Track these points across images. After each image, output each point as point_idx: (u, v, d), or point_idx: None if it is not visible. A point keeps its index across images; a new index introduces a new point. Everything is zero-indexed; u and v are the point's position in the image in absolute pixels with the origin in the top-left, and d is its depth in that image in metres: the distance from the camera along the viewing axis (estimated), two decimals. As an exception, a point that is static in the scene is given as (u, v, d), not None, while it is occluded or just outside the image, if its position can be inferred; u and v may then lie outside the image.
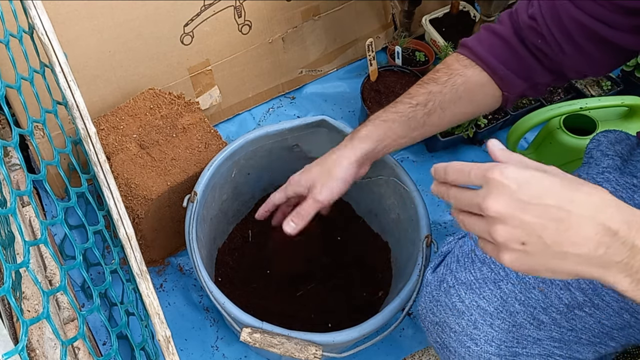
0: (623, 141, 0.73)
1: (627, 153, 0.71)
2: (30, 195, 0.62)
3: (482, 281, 0.66)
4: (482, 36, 0.75)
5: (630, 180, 0.67)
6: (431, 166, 0.60)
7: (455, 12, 1.36)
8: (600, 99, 1.06)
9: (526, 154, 1.19)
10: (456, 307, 0.66)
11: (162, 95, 1.01)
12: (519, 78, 0.73)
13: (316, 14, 1.25)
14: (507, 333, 0.64)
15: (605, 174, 0.69)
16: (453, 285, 0.67)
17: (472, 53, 0.74)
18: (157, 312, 0.67)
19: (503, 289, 0.65)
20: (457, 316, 0.66)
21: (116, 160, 0.95)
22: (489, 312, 0.64)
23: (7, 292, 0.49)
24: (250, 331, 0.77)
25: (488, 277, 0.66)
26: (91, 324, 1.02)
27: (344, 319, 0.98)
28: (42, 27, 0.77)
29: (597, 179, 0.69)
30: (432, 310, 0.69)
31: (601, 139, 0.75)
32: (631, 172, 0.68)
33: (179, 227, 0.96)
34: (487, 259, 0.67)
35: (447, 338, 0.67)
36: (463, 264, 0.68)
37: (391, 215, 1.00)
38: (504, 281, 0.65)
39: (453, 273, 0.68)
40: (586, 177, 0.70)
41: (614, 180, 0.68)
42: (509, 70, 0.73)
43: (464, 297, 0.66)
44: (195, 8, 1.09)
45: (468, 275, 0.66)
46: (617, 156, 0.71)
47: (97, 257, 0.77)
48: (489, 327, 0.64)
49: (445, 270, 0.69)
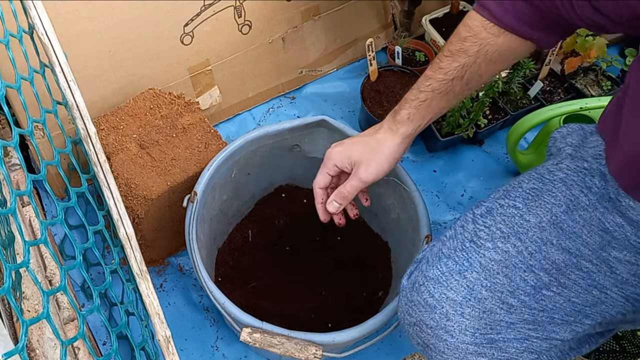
0: (575, 132, 0.74)
1: (580, 141, 0.72)
2: (30, 195, 0.62)
3: (448, 274, 0.67)
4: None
5: (582, 164, 0.69)
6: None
7: (455, 12, 1.36)
8: (600, 99, 1.06)
9: (526, 154, 1.19)
10: (428, 302, 0.67)
11: (162, 95, 1.01)
12: (553, 34, 0.71)
13: (316, 14, 1.25)
14: (478, 320, 0.66)
15: (558, 164, 0.70)
16: (423, 283, 0.68)
17: (500, 22, 0.71)
18: (157, 312, 0.67)
19: (468, 277, 0.66)
20: (430, 311, 0.67)
21: (116, 160, 0.95)
22: (458, 302, 0.66)
23: (7, 292, 0.49)
24: (250, 331, 0.77)
25: (453, 269, 0.67)
26: (91, 324, 1.02)
27: (344, 319, 0.98)
28: (42, 27, 0.77)
29: (551, 168, 0.70)
30: (409, 311, 0.70)
31: (556, 136, 0.76)
32: (582, 157, 0.69)
33: (179, 227, 0.96)
34: (452, 253, 0.69)
35: (426, 335, 0.69)
36: (431, 262, 0.70)
37: (391, 215, 1.00)
38: (469, 270, 0.67)
39: (423, 272, 0.70)
40: (541, 168, 0.71)
41: (565, 167, 0.69)
42: (541, 32, 0.70)
43: (433, 292, 0.67)
44: (195, 8, 1.09)
45: (435, 271, 0.68)
46: (568, 146, 0.72)
47: (97, 257, 0.77)
48: (460, 317, 0.66)
49: (417, 272, 0.71)
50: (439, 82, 0.74)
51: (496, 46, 0.71)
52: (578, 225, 0.66)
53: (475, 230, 0.69)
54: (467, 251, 0.68)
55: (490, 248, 0.67)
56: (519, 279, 0.66)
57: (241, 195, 1.06)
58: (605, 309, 0.67)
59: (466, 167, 1.25)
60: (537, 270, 0.66)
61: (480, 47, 0.72)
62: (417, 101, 0.76)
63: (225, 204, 1.02)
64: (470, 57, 0.72)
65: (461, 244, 0.69)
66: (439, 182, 1.23)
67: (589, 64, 1.29)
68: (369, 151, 0.78)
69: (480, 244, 0.68)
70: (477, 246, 0.68)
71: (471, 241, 0.69)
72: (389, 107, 1.21)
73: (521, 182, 0.71)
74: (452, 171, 1.25)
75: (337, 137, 0.98)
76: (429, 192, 1.22)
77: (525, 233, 0.67)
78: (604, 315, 0.68)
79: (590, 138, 0.71)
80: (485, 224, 0.69)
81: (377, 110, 1.21)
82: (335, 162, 0.80)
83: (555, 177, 0.69)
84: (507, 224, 0.68)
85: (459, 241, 0.70)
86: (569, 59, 1.29)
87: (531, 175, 0.71)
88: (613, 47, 1.41)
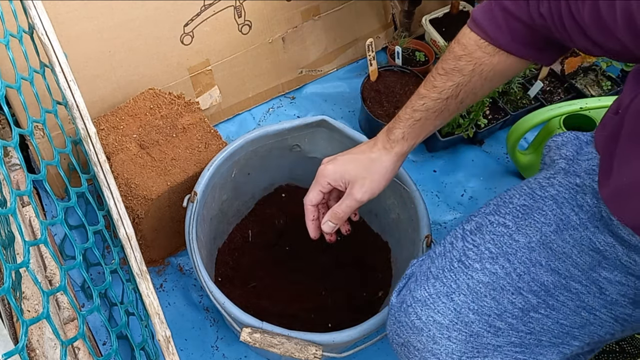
0: (570, 142, 0.73)
1: (574, 153, 0.71)
2: (30, 195, 0.62)
3: (436, 296, 0.66)
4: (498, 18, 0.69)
5: (574, 180, 0.68)
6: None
7: (455, 12, 1.36)
8: (600, 99, 1.06)
9: (526, 154, 1.19)
10: (415, 325, 0.66)
11: (162, 95, 1.01)
12: (549, 53, 0.70)
13: (316, 14, 1.25)
14: (465, 344, 0.65)
15: (550, 179, 0.69)
16: (410, 304, 0.67)
17: (495, 41, 0.69)
18: (157, 312, 0.67)
19: (456, 300, 0.65)
20: (417, 334, 0.66)
21: (116, 160, 0.95)
22: (445, 325, 0.65)
23: (7, 292, 0.49)
24: (250, 331, 0.77)
25: (441, 291, 0.66)
26: (91, 324, 1.01)
27: (344, 319, 0.98)
28: (42, 27, 0.77)
29: (543, 183, 0.69)
30: (397, 332, 0.70)
31: (551, 145, 0.75)
32: (575, 172, 0.68)
33: (179, 227, 0.96)
34: (440, 274, 0.67)
35: (413, 357, 0.68)
36: (419, 282, 0.69)
37: (391, 215, 1.00)
38: (456, 293, 0.65)
39: (411, 292, 0.68)
40: (533, 182, 0.70)
41: (557, 183, 0.68)
42: (537, 51, 0.69)
43: (421, 314, 0.66)
44: (195, 8, 1.09)
45: (423, 292, 0.67)
46: (561, 159, 0.71)
47: (97, 257, 0.77)
48: (447, 340, 0.65)
49: (406, 291, 0.70)
50: (433, 101, 0.73)
51: (491, 65, 0.70)
52: (568, 245, 0.65)
53: (464, 249, 0.68)
54: (455, 272, 0.67)
55: (479, 269, 0.66)
56: (506, 302, 0.65)
57: (241, 195, 1.06)
58: (593, 330, 0.66)
59: (466, 167, 1.25)
60: (526, 293, 0.65)
61: (475, 66, 0.70)
62: (412, 120, 0.75)
63: (225, 204, 1.02)
64: (465, 76, 0.71)
65: (449, 264, 0.68)
66: (439, 182, 1.23)
67: (589, 64, 1.29)
68: (363, 170, 0.77)
69: (468, 264, 0.67)
70: (465, 267, 0.67)
71: (459, 261, 0.67)
72: (389, 107, 1.21)
73: (512, 197, 0.70)
74: (452, 171, 1.25)
75: (337, 137, 0.98)
76: (429, 192, 1.22)
77: (514, 254, 0.66)
78: (592, 337, 0.67)
79: (585, 149, 0.70)
80: (475, 242, 0.68)
81: (377, 110, 1.20)
82: (328, 180, 0.79)
83: (547, 193, 0.68)
84: (496, 244, 0.67)
85: (448, 260, 0.68)
86: (569, 59, 1.29)
87: (522, 190, 0.70)
88: (613, 47, 1.41)
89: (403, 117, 0.76)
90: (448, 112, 0.74)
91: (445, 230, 1.17)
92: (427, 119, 0.74)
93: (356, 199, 0.77)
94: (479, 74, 0.71)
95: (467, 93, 0.72)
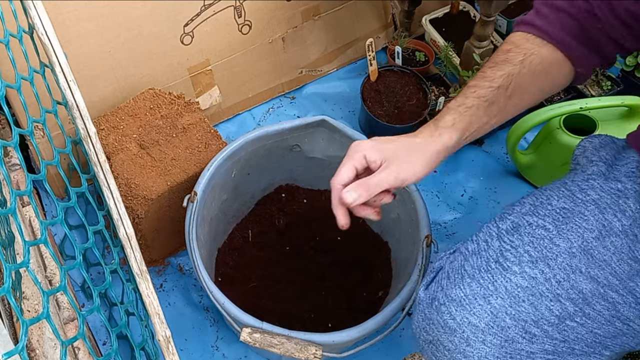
0: (607, 145, 0.72)
1: (612, 157, 0.71)
2: (30, 195, 0.62)
3: (472, 297, 0.64)
4: (545, 12, 0.70)
5: (615, 185, 0.67)
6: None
7: (455, 12, 1.36)
8: (600, 99, 1.06)
9: (526, 154, 1.19)
10: (448, 324, 0.65)
11: (162, 95, 1.01)
12: (592, 52, 0.70)
13: (316, 14, 1.25)
14: (499, 348, 0.64)
15: (590, 181, 0.68)
16: (444, 303, 0.66)
17: (543, 32, 0.70)
18: (157, 312, 0.67)
19: (493, 304, 0.64)
20: (450, 334, 0.65)
21: (116, 160, 0.95)
22: (480, 329, 0.64)
23: (7, 292, 0.49)
24: (250, 331, 0.77)
25: (477, 293, 0.64)
26: (91, 324, 1.01)
27: (344, 319, 0.98)
28: (42, 27, 0.77)
29: (582, 186, 0.68)
30: (425, 329, 0.68)
31: (586, 145, 0.74)
32: (615, 177, 0.67)
33: (179, 227, 0.96)
34: (476, 273, 0.66)
35: (442, 356, 0.67)
36: (453, 280, 0.67)
37: (391, 215, 1.00)
38: (493, 296, 0.64)
39: (444, 290, 0.66)
40: (571, 184, 0.69)
41: (599, 187, 0.67)
42: (582, 45, 0.69)
43: (455, 315, 0.65)
44: (195, 8, 1.09)
45: (458, 292, 0.65)
46: (601, 162, 0.70)
47: (97, 257, 0.77)
48: (482, 344, 0.64)
49: (437, 287, 0.68)
50: (485, 89, 0.70)
51: (540, 57, 0.70)
52: (609, 252, 0.64)
53: (501, 250, 0.66)
54: (492, 273, 0.65)
55: (517, 273, 0.64)
56: (544, 308, 0.63)
57: (241, 195, 1.06)
58: (625, 340, 0.65)
59: (466, 167, 1.25)
60: (564, 300, 0.63)
61: (525, 56, 0.70)
62: (463, 107, 0.70)
63: (225, 204, 1.02)
64: (515, 66, 0.69)
65: (486, 264, 0.66)
66: (439, 182, 1.23)
67: (589, 64, 1.29)
68: (405, 151, 0.68)
69: (506, 266, 0.65)
70: (503, 269, 0.65)
71: (497, 262, 0.65)
72: (389, 107, 1.21)
73: (550, 199, 0.68)
74: (452, 171, 1.25)
75: (337, 137, 0.98)
76: (429, 192, 1.22)
77: (554, 259, 0.64)
78: (623, 347, 0.66)
79: (622, 153, 0.69)
80: (512, 243, 0.66)
81: (377, 110, 1.20)
82: (365, 154, 0.68)
83: (588, 197, 0.66)
84: (536, 247, 0.65)
85: (484, 259, 0.66)
86: (569, 59, 1.29)
87: (561, 192, 0.68)
88: (613, 47, 1.41)
89: (452, 106, 0.71)
90: (498, 106, 0.70)
91: (445, 230, 1.17)
92: (479, 107, 0.70)
93: (395, 173, 0.66)
94: (528, 64, 0.70)
95: (516, 87, 0.70)
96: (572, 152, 1.08)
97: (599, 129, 1.08)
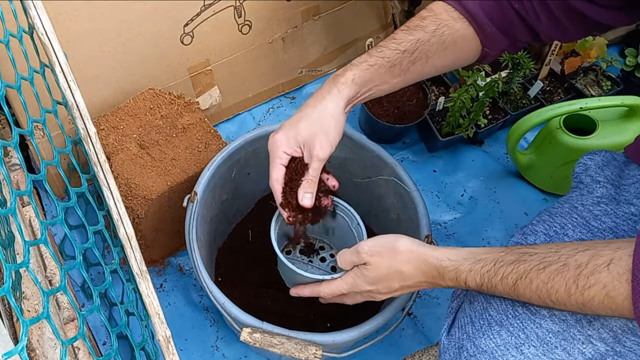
0: (610, 163, 0.71)
1: (617, 177, 0.70)
2: (30, 195, 0.62)
3: (504, 347, 0.62)
4: None
5: (628, 209, 0.65)
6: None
7: (455, 12, 1.36)
8: (600, 99, 1.06)
9: (526, 154, 1.19)
10: None
11: (162, 95, 1.01)
12: (503, 35, 0.74)
13: (316, 14, 1.25)
14: None
15: (601, 205, 0.67)
16: (474, 354, 0.63)
17: (462, 7, 0.73)
18: (157, 312, 0.67)
19: (526, 353, 0.61)
20: None
21: (116, 160, 0.95)
22: None
23: (7, 292, 0.49)
24: (250, 331, 0.77)
25: (509, 342, 0.62)
26: (91, 324, 1.01)
27: (344, 319, 0.98)
28: (42, 27, 0.76)
29: (595, 212, 0.66)
30: None
31: (588, 163, 0.73)
32: (627, 200, 0.66)
33: (179, 227, 0.96)
34: (503, 320, 0.63)
35: None
36: (480, 327, 0.64)
37: (391, 215, 1.00)
38: (525, 345, 0.61)
39: (471, 339, 0.64)
40: (582, 209, 0.67)
41: (613, 213, 0.66)
42: (495, 26, 0.73)
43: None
44: (195, 8, 1.09)
45: (488, 342, 0.63)
46: (608, 183, 0.69)
47: (97, 257, 0.77)
48: None
49: (462, 334, 0.66)
50: (390, 51, 0.74)
51: (452, 30, 0.73)
52: None
53: None
54: (520, 319, 0.62)
55: (547, 317, 0.61)
56: (577, 352, 0.60)
57: (241, 195, 1.06)
58: None
59: (466, 167, 1.25)
60: (595, 341, 0.61)
61: (438, 26, 0.73)
62: (365, 64, 0.74)
63: (225, 204, 1.02)
64: (426, 34, 0.73)
65: (512, 309, 0.63)
66: (439, 182, 1.23)
67: (589, 64, 1.29)
68: (315, 126, 0.73)
69: (534, 310, 0.62)
70: (531, 313, 0.62)
71: (523, 305, 0.63)
72: (389, 107, 1.21)
73: (564, 228, 0.66)
74: (452, 171, 1.25)
75: (337, 137, 0.98)
76: (429, 192, 1.22)
77: None
78: None
79: (626, 171, 0.68)
80: None
81: (377, 110, 1.20)
82: (284, 149, 0.74)
83: (604, 225, 0.65)
84: None
85: (509, 303, 0.64)
86: (569, 59, 1.29)
87: (574, 220, 0.66)
88: (613, 47, 1.41)
89: (355, 63, 0.76)
90: (399, 68, 0.75)
91: (445, 230, 1.17)
92: (381, 66, 0.74)
93: (319, 158, 0.73)
94: (439, 36, 0.74)
95: (422, 54, 0.74)
96: (572, 152, 1.09)
97: (599, 129, 1.08)
